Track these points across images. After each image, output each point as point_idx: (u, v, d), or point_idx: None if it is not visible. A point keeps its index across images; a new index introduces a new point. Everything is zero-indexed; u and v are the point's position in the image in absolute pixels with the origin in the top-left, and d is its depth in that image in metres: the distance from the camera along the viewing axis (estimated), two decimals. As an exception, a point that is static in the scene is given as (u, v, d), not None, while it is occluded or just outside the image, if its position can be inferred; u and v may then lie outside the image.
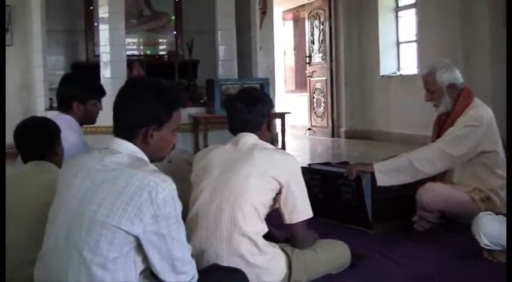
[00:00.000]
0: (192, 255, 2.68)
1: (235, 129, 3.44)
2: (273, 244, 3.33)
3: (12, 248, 3.27)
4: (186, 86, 10.84)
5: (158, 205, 2.44)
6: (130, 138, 2.62)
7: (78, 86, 4.26)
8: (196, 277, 2.66)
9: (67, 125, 3.83)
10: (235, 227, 3.13)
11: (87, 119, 4.25)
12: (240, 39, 10.50)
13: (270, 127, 3.48)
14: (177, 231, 2.53)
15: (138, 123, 2.61)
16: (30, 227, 3.19)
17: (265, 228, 3.25)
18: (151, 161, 2.66)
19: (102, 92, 4.31)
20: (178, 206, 2.54)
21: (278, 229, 3.55)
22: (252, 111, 3.37)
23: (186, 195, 3.34)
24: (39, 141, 3.46)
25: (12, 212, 3.30)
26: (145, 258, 2.52)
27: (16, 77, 11.17)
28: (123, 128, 2.64)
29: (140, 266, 2.54)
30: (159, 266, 2.52)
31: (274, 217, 3.35)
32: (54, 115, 3.95)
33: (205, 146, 8.72)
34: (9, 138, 9.68)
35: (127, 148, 2.61)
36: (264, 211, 3.24)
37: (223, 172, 3.25)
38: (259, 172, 3.19)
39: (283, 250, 3.33)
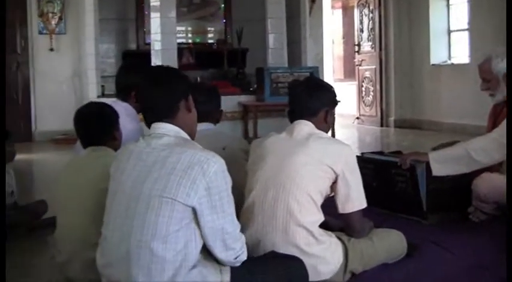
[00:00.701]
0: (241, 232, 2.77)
1: (294, 113, 3.42)
2: (329, 233, 3.32)
3: (71, 232, 3.35)
4: (235, 74, 10.88)
5: (210, 177, 2.57)
6: (171, 118, 2.78)
7: (139, 75, 4.30)
8: (245, 255, 2.75)
9: (125, 112, 3.87)
10: (291, 217, 3.13)
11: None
12: (289, 27, 10.50)
13: (328, 117, 3.43)
14: (228, 204, 2.65)
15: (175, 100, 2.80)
16: (89, 211, 3.26)
17: (321, 218, 3.24)
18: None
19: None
20: (229, 181, 2.66)
21: (333, 218, 3.54)
22: (312, 96, 3.37)
23: (241, 183, 3.37)
24: (98, 126, 3.51)
25: (71, 196, 3.38)
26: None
27: (68, 64, 11.36)
28: (164, 111, 2.78)
29: (199, 241, 2.63)
30: (211, 240, 2.63)
31: (328, 206, 3.33)
32: (111, 102, 3.99)
33: (255, 133, 8.76)
34: (65, 125, 9.90)
35: (171, 130, 2.75)
36: (320, 200, 3.23)
37: (278, 161, 3.24)
38: (314, 161, 3.17)
39: (339, 239, 3.32)
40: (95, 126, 3.51)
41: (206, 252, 2.69)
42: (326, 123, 3.43)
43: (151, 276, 2.55)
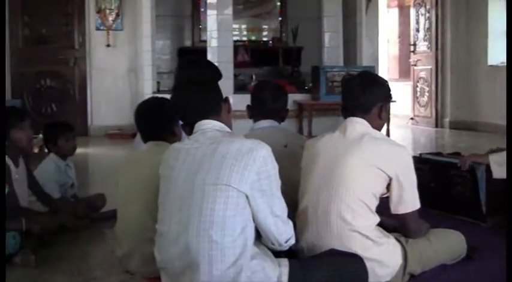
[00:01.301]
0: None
1: (347, 109, 3.33)
2: (387, 234, 3.25)
3: (131, 226, 3.39)
4: (290, 72, 10.86)
5: (260, 162, 2.67)
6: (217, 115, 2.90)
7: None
8: (294, 239, 2.84)
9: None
10: (345, 224, 3.08)
11: None
12: (345, 25, 10.46)
13: (383, 113, 3.32)
14: (277, 188, 2.75)
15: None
16: (149, 206, 3.30)
17: (376, 220, 3.18)
18: None
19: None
20: (276, 165, 2.76)
21: (389, 217, 3.48)
22: (366, 91, 3.27)
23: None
24: (158, 121, 3.55)
25: (131, 190, 3.42)
26: None
27: (125, 60, 11.49)
28: (212, 108, 2.92)
29: (253, 225, 2.72)
30: (263, 223, 2.72)
31: (384, 207, 3.27)
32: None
33: (309, 132, 8.74)
34: (120, 120, 10.07)
35: (216, 125, 2.85)
36: (374, 203, 3.16)
37: (330, 164, 3.17)
38: (367, 164, 3.09)
39: (397, 240, 3.26)
40: (155, 121, 3.56)
41: (264, 247, 2.76)
42: (380, 119, 3.32)
43: (212, 263, 2.60)
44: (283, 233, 2.75)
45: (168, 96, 3.97)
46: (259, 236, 2.78)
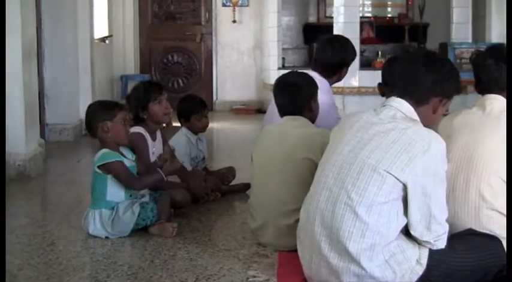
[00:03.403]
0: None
1: (482, 88, 3.19)
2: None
3: (267, 198, 3.44)
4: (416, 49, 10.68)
5: (430, 157, 2.57)
6: (419, 102, 2.76)
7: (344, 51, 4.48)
8: (444, 243, 2.70)
9: (320, 84, 3.86)
10: (484, 202, 2.96)
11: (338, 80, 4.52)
12: (473, 1, 10.15)
13: None
14: (441, 188, 2.65)
15: (438, 92, 2.76)
16: (284, 180, 3.35)
17: None
18: None
19: (355, 55, 4.45)
20: (445, 166, 2.65)
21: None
22: (501, 68, 3.11)
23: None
24: (297, 96, 3.54)
25: (269, 164, 3.46)
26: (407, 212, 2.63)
27: (250, 36, 11.61)
28: (418, 92, 2.77)
29: (402, 219, 2.64)
30: (415, 220, 2.62)
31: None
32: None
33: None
34: (244, 95, 10.25)
35: (404, 107, 2.73)
36: None
37: (469, 142, 3.05)
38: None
39: (537, 220, 3.16)
40: (294, 96, 3.54)
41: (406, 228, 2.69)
42: None
43: (351, 240, 2.58)
44: (434, 232, 2.65)
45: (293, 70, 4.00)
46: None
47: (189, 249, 3.55)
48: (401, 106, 2.73)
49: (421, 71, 2.76)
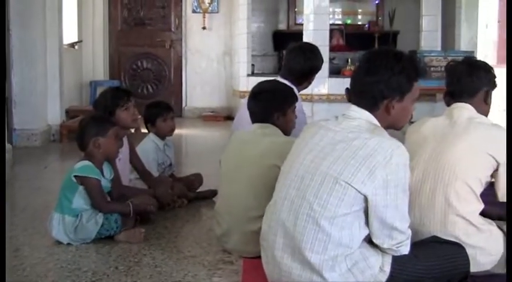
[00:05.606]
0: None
1: (453, 93, 3.29)
2: (490, 221, 3.18)
3: (233, 204, 3.44)
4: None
5: (391, 169, 2.52)
6: (371, 109, 2.69)
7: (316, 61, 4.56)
8: (407, 249, 2.69)
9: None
10: (450, 208, 3.03)
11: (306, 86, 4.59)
12: (443, 9, 10.24)
13: (488, 99, 3.30)
14: (402, 199, 2.60)
15: (383, 94, 2.66)
16: (252, 185, 3.35)
17: (480, 206, 3.11)
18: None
19: (323, 62, 4.55)
20: (408, 176, 2.61)
21: (492, 206, 3.41)
22: (473, 74, 3.24)
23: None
24: (268, 105, 3.55)
25: (237, 170, 3.47)
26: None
27: (220, 43, 11.60)
28: (366, 99, 2.69)
29: (364, 229, 2.62)
30: (377, 229, 2.60)
31: (486, 194, 3.19)
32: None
33: (410, 118, 8.61)
34: (213, 102, 10.23)
35: (364, 115, 2.69)
36: (480, 189, 3.10)
37: (436, 149, 3.13)
38: (475, 149, 3.04)
39: (499, 228, 3.19)
40: (263, 103, 3.55)
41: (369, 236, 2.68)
42: (486, 104, 3.29)
43: (313, 252, 2.57)
44: (395, 239, 2.63)
45: (262, 79, 4.02)
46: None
47: (154, 255, 3.53)
48: (360, 114, 2.69)
49: (360, 76, 2.73)
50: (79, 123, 3.97)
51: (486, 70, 3.33)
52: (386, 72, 2.65)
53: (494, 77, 3.38)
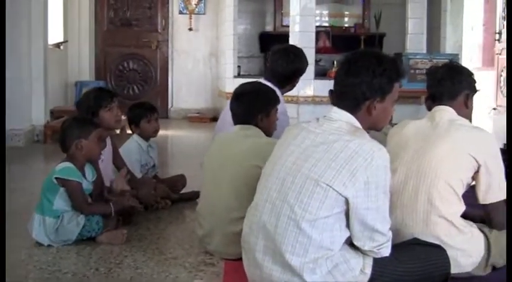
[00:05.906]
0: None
1: (434, 96, 3.34)
2: (471, 223, 3.21)
3: (214, 205, 3.44)
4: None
5: (371, 171, 2.53)
6: (352, 110, 2.69)
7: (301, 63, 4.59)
8: (388, 251, 2.69)
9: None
10: (432, 208, 3.05)
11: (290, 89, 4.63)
12: (429, 12, 10.28)
13: (469, 102, 3.34)
14: (383, 201, 2.61)
15: (364, 95, 2.67)
16: (233, 187, 3.35)
17: (462, 208, 3.13)
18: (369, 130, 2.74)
19: (307, 64, 4.63)
20: (389, 178, 2.62)
21: (473, 208, 3.42)
22: (454, 77, 3.29)
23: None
24: (250, 106, 3.55)
25: (219, 171, 3.46)
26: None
27: (206, 44, 11.61)
28: (347, 100, 2.70)
29: (345, 231, 2.63)
30: (358, 231, 2.61)
31: (469, 196, 3.21)
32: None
33: (390, 119, 8.63)
34: (199, 103, 10.24)
35: (345, 117, 2.69)
36: (461, 190, 3.12)
37: (418, 150, 3.15)
38: (456, 150, 3.07)
39: (481, 230, 3.21)
40: (245, 104, 3.55)
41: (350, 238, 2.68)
42: (467, 108, 3.34)
43: (294, 254, 2.57)
44: (376, 242, 2.63)
45: (248, 80, 4.01)
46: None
47: (136, 257, 3.52)
48: (341, 116, 2.69)
49: (342, 77, 2.73)
50: (61, 125, 3.94)
51: (466, 74, 3.38)
52: (368, 74, 2.66)
53: (475, 81, 3.42)
